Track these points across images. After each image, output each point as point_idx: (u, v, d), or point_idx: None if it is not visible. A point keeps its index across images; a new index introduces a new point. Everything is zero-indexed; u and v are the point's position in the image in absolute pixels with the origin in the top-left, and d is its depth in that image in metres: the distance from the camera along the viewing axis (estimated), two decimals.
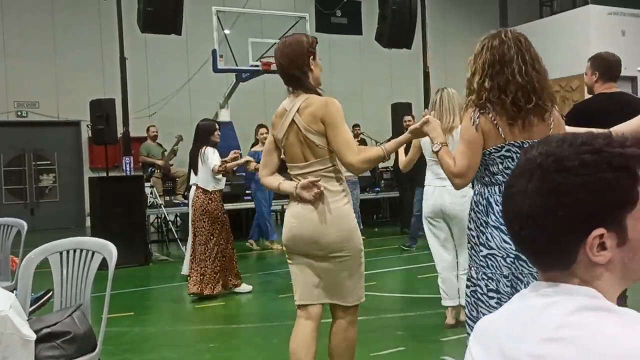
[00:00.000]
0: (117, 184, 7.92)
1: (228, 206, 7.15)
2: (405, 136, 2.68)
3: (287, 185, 2.69)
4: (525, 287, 0.96)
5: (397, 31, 9.14)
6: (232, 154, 5.90)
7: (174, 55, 12.02)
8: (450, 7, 15.18)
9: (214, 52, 8.80)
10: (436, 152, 2.39)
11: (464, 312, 2.62)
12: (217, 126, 5.79)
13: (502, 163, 2.27)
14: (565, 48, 12.67)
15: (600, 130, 0.95)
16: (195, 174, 5.59)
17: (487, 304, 2.29)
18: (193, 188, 5.69)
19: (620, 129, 2.76)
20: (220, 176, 5.44)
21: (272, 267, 7.24)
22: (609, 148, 0.87)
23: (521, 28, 15.64)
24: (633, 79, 13.41)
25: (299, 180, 2.64)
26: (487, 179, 2.33)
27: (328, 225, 2.61)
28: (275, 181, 2.75)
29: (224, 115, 9.75)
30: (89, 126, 8.33)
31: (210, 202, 5.41)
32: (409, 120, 8.32)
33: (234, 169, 6.05)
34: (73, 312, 2.48)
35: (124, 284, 6.07)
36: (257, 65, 9.09)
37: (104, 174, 8.43)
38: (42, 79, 11.77)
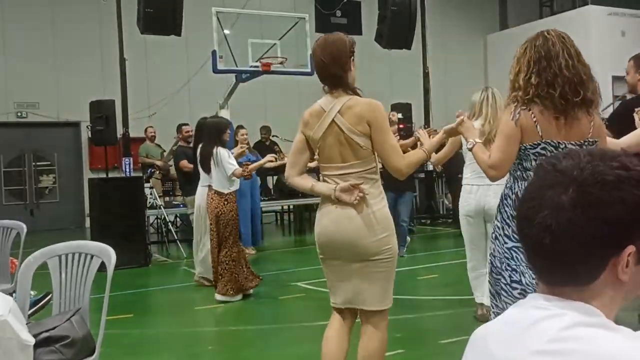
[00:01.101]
0: (117, 185, 7.91)
1: None
2: (440, 136, 2.76)
3: (323, 187, 2.63)
4: None
5: (396, 31, 9.14)
6: (238, 150, 5.90)
7: (173, 56, 12.02)
8: (449, 8, 15.17)
9: (213, 52, 8.78)
10: (470, 149, 2.53)
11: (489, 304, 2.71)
12: (228, 124, 5.57)
13: (535, 160, 2.32)
14: None
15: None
16: (207, 174, 5.43)
17: (511, 294, 2.35)
18: (204, 189, 5.60)
19: (626, 139, 2.83)
20: (235, 178, 5.29)
21: (273, 269, 7.24)
22: (633, 166, 0.88)
23: (521, 28, 15.74)
24: None
25: (335, 182, 2.59)
26: (519, 173, 2.41)
27: (371, 229, 2.57)
28: (307, 182, 2.69)
29: (224, 116, 9.72)
30: (89, 127, 8.33)
31: (226, 203, 5.26)
32: (392, 115, 8.45)
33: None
34: (72, 316, 2.48)
35: (124, 286, 6.07)
36: (257, 66, 9.08)
37: (104, 175, 8.42)
38: (42, 80, 11.77)
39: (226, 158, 5.23)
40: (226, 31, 9.09)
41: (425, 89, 10.20)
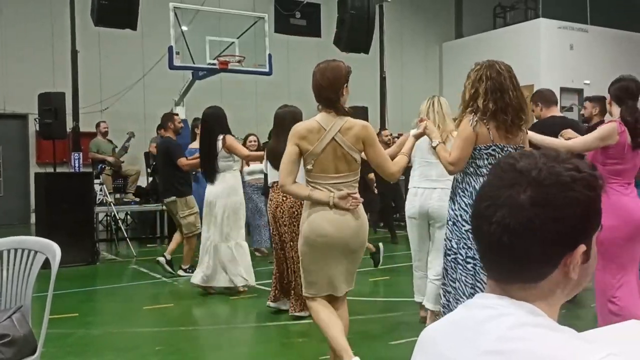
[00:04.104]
0: (65, 180, 7.67)
1: None
2: (412, 140, 3.32)
3: (320, 195, 3.03)
4: None
5: (355, 36, 9.20)
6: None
7: (128, 50, 11.75)
8: (407, 15, 15.40)
9: (170, 48, 8.65)
10: (434, 147, 3.16)
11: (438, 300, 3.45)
12: (301, 115, 4.72)
13: (487, 159, 2.98)
14: (516, 58, 12.94)
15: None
16: (278, 169, 4.78)
17: (465, 268, 2.99)
18: (275, 186, 4.79)
19: (575, 142, 3.54)
20: None
21: None
22: (583, 168, 0.90)
23: (476, 37, 16.08)
24: (580, 91, 13.92)
25: (328, 189, 3.03)
26: (472, 169, 3.02)
27: (360, 230, 3.10)
28: (303, 190, 3.08)
29: (179, 113, 9.59)
30: (37, 120, 8.05)
31: (302, 203, 4.61)
32: (385, 135, 8.78)
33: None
34: (12, 314, 2.39)
35: (69, 284, 5.89)
36: (214, 64, 8.99)
37: (52, 170, 8.16)
38: None
39: None
40: (184, 27, 8.96)
41: (382, 93, 10.32)
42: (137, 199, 9.48)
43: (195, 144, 6.92)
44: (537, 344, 0.83)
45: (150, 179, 9.71)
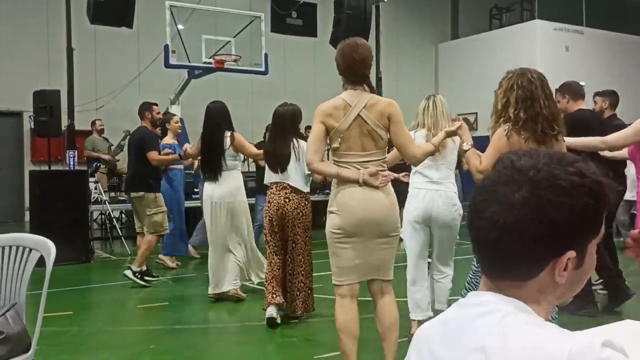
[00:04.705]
0: (60, 179, 7.65)
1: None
2: (442, 135, 3.30)
3: (349, 172, 2.94)
4: None
5: (351, 35, 9.14)
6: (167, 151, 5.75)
7: (124, 49, 11.73)
8: (403, 16, 15.42)
9: (166, 47, 8.64)
10: (466, 151, 3.09)
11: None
12: (301, 113, 4.65)
13: None
14: (512, 59, 12.98)
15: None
16: (276, 171, 4.51)
17: None
18: (274, 187, 4.55)
19: (613, 136, 3.53)
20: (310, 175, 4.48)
21: None
22: (589, 173, 0.89)
23: (471, 39, 16.09)
24: None
25: (356, 168, 2.94)
26: None
27: (391, 209, 2.99)
28: (331, 168, 3.01)
29: (175, 112, 9.59)
30: (32, 117, 8.02)
31: (306, 203, 4.52)
32: None
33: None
34: (6, 311, 2.38)
35: (63, 282, 5.88)
36: (210, 63, 8.99)
37: (46, 168, 8.14)
38: None
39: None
40: (180, 26, 8.95)
41: (377, 93, 10.33)
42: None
43: (168, 139, 6.80)
44: (524, 340, 0.84)
45: None
